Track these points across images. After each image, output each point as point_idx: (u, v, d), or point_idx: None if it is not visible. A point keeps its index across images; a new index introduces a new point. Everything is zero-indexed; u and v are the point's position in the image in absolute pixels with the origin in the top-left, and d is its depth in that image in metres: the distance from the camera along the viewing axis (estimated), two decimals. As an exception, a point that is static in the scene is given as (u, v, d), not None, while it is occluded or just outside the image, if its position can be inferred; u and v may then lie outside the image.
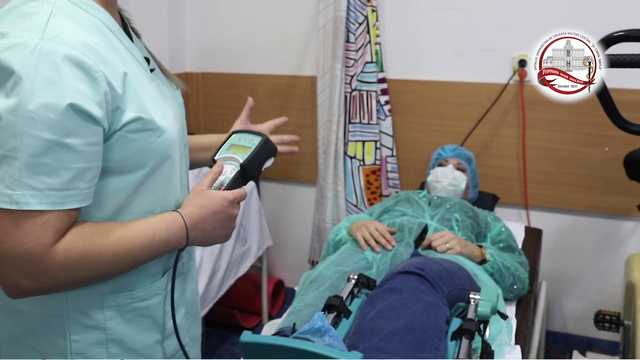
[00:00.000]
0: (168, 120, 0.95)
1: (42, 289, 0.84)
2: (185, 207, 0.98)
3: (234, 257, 2.45)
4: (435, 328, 1.24)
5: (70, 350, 0.93)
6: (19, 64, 0.78)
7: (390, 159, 2.64)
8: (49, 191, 0.80)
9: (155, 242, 0.92)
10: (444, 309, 1.32)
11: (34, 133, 0.78)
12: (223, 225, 1.00)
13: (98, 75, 0.82)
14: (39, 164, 0.79)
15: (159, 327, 1.01)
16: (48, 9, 0.84)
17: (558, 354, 2.55)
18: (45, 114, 0.78)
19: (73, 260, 0.83)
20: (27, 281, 0.82)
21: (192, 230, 0.96)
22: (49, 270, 0.82)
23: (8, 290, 0.84)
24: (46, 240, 0.81)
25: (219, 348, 2.64)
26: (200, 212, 0.97)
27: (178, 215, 0.96)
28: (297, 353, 0.97)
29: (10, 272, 0.81)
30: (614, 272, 2.45)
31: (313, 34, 2.70)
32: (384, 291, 1.36)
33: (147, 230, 0.91)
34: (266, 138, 1.10)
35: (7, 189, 0.78)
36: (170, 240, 0.94)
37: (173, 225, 0.94)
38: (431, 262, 1.45)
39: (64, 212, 0.82)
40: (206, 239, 1.00)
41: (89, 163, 0.83)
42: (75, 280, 0.86)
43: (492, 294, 1.36)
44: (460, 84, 2.52)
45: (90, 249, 0.85)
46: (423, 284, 1.34)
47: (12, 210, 0.79)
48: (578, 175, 2.42)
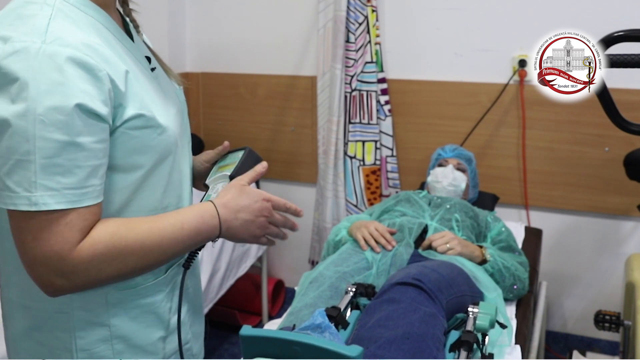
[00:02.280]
0: (169, 118, 0.96)
1: (77, 286, 0.86)
2: (220, 197, 0.99)
3: (234, 257, 2.45)
4: (434, 338, 1.24)
5: (76, 346, 0.94)
6: (23, 69, 0.79)
7: (390, 159, 2.64)
8: (66, 190, 0.81)
9: (184, 232, 0.92)
10: (442, 321, 1.33)
11: (45, 135, 0.79)
12: (255, 221, 1.00)
13: (101, 74, 0.84)
14: (54, 165, 0.80)
15: (163, 324, 1.02)
16: (48, 12, 0.84)
17: (558, 354, 2.55)
18: (54, 116, 0.79)
19: (100, 254, 0.85)
20: (61, 280, 0.84)
21: (226, 218, 0.97)
22: (78, 267, 0.84)
23: (46, 290, 0.86)
24: (72, 240, 0.83)
25: (219, 348, 2.64)
26: (235, 202, 0.98)
27: (210, 204, 0.97)
28: (297, 346, 0.97)
29: (44, 273, 0.83)
30: (614, 272, 2.45)
31: (313, 34, 2.70)
32: (382, 302, 1.36)
33: (175, 220, 0.92)
34: (249, 149, 1.13)
35: (26, 192, 0.80)
36: (201, 229, 0.94)
37: (204, 214, 0.95)
38: (429, 271, 1.45)
39: (85, 209, 0.84)
40: (239, 232, 0.99)
41: (99, 159, 0.85)
42: (108, 274, 0.87)
43: (490, 307, 1.35)
44: (460, 84, 2.52)
45: (117, 242, 0.86)
46: (421, 295, 1.34)
47: (34, 214, 0.80)
48: (578, 175, 2.42)
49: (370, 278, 1.66)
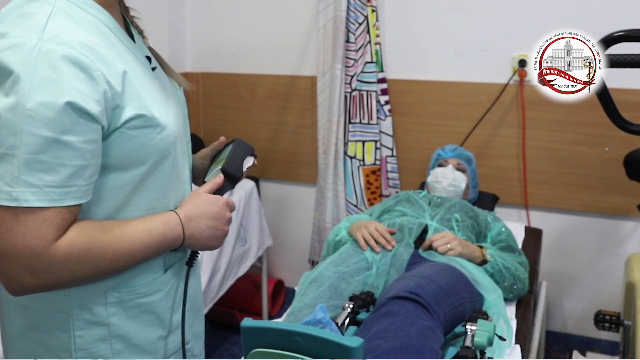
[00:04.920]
0: (169, 117, 0.96)
1: (44, 285, 0.85)
2: (181, 207, 1.01)
3: (234, 257, 2.45)
4: (431, 351, 1.24)
5: (75, 345, 0.94)
6: (17, 63, 0.79)
7: (390, 159, 2.64)
8: (48, 188, 0.81)
9: (152, 238, 0.93)
10: (439, 335, 1.33)
11: (32, 131, 0.79)
12: (216, 225, 1.02)
13: (96, 73, 0.83)
14: (38, 161, 0.79)
15: (163, 323, 1.02)
16: (48, 10, 0.85)
17: (558, 354, 2.55)
18: (43, 111, 0.79)
19: (76, 256, 0.84)
20: (30, 278, 0.82)
21: (188, 226, 0.98)
22: (51, 266, 0.83)
23: (10, 287, 0.85)
24: (48, 237, 0.82)
25: (219, 348, 2.64)
26: (195, 210, 1.00)
27: (173, 212, 0.98)
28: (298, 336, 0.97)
29: (12, 268, 0.82)
30: (614, 272, 2.45)
31: (313, 34, 2.70)
32: (379, 315, 1.36)
33: (144, 227, 0.93)
34: (238, 139, 1.14)
35: (7, 187, 0.79)
36: (167, 235, 0.95)
37: (169, 221, 0.96)
38: (426, 281, 1.44)
39: (65, 208, 0.83)
40: (201, 239, 1.01)
41: (87, 160, 0.84)
42: (77, 276, 0.86)
43: (489, 325, 1.36)
44: (460, 84, 2.52)
45: (92, 245, 0.86)
46: (419, 309, 1.34)
47: (12, 207, 0.80)
48: (578, 175, 2.42)
49: (370, 278, 1.66)
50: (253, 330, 1.01)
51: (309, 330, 0.98)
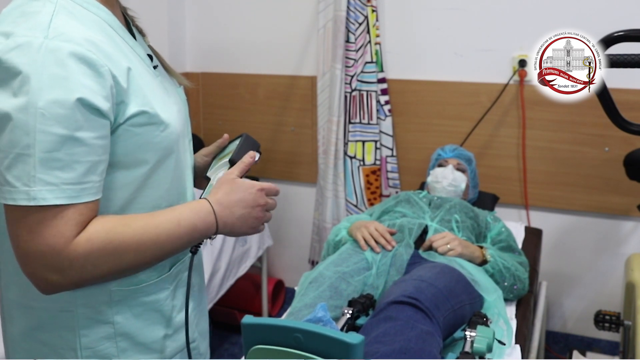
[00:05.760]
0: (172, 115, 0.96)
1: (72, 282, 0.85)
2: (213, 194, 0.99)
3: (234, 257, 2.45)
4: (430, 356, 1.24)
5: (80, 345, 0.94)
6: (25, 63, 0.79)
7: (390, 159, 2.64)
8: (65, 185, 0.81)
9: (181, 228, 0.92)
10: (439, 340, 1.33)
11: (45, 129, 0.79)
12: (251, 213, 0.99)
13: (103, 69, 0.84)
14: (53, 159, 0.80)
15: (168, 321, 1.02)
16: (50, 8, 0.85)
17: (558, 354, 2.55)
18: (55, 109, 0.79)
19: (96, 250, 0.84)
20: (56, 276, 0.83)
21: (221, 215, 0.96)
22: (74, 263, 0.83)
23: (39, 287, 0.85)
24: (67, 234, 0.82)
25: (219, 348, 2.64)
26: (228, 198, 0.97)
27: (205, 201, 0.96)
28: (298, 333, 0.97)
29: (38, 268, 0.82)
30: (614, 272, 2.45)
31: (313, 34, 2.70)
32: (378, 320, 1.36)
33: (171, 217, 0.92)
34: (246, 134, 1.13)
35: (24, 187, 0.79)
36: (198, 225, 0.94)
37: (200, 211, 0.95)
38: (425, 285, 1.44)
39: (82, 205, 0.83)
40: (235, 227, 0.99)
41: (99, 156, 0.84)
42: (103, 271, 0.86)
43: (488, 331, 1.36)
44: (460, 84, 2.52)
45: (113, 238, 0.86)
46: (418, 314, 1.34)
47: (32, 208, 0.80)
48: (578, 175, 2.42)
49: (370, 278, 1.66)
50: (254, 327, 1.01)
51: (310, 327, 0.98)
